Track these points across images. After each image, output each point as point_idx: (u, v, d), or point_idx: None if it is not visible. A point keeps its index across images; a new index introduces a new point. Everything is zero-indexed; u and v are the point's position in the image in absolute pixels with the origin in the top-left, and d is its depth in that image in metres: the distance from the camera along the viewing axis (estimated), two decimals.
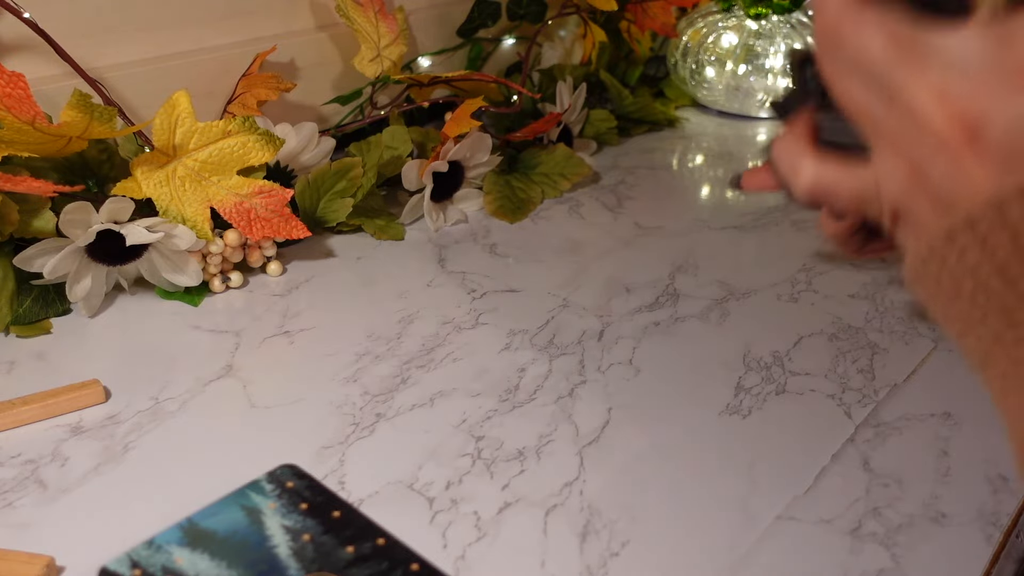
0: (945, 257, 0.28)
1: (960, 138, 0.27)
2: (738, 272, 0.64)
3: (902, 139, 0.29)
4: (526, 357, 0.53)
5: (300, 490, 0.39)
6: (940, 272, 0.28)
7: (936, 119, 0.27)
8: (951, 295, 0.28)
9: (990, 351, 0.28)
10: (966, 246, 0.27)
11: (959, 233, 0.27)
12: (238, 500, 0.39)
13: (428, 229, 0.69)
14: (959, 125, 0.27)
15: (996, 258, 0.26)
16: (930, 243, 0.28)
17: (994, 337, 0.28)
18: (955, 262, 0.28)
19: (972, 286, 0.27)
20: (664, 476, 0.44)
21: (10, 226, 0.53)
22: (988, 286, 0.27)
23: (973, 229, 0.27)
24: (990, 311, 0.27)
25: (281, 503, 0.39)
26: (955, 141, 0.27)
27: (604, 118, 0.87)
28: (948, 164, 0.28)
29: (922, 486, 0.44)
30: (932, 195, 0.29)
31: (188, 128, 0.56)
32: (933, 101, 0.27)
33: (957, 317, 0.29)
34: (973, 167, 0.27)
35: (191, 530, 0.37)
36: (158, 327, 0.56)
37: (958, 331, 0.29)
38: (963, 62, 0.27)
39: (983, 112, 0.27)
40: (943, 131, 0.27)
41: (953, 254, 0.28)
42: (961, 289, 0.28)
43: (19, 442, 0.45)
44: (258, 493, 0.39)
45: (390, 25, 0.73)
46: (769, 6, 0.92)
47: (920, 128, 0.28)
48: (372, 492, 0.42)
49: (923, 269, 0.29)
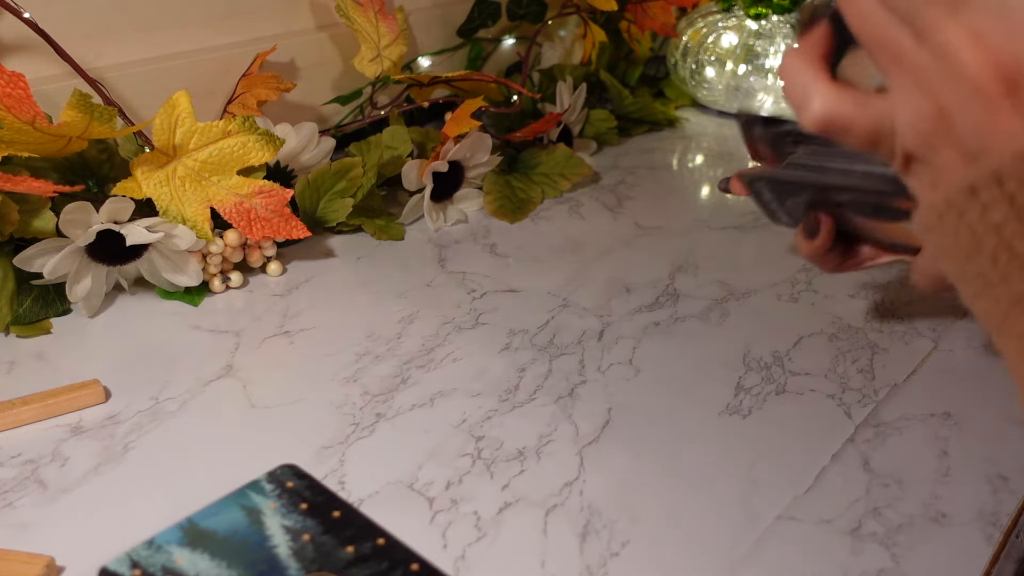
0: (964, 211, 0.26)
1: (996, 86, 0.25)
2: (738, 272, 0.64)
3: (930, 79, 0.27)
4: (526, 357, 0.53)
5: (300, 490, 0.39)
6: (958, 226, 0.27)
7: (971, 63, 0.25)
8: (969, 251, 0.27)
9: (1009, 313, 0.27)
10: (990, 202, 0.25)
11: (983, 187, 0.26)
12: (238, 500, 0.39)
13: (428, 229, 0.69)
14: (997, 72, 0.25)
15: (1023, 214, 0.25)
16: (948, 195, 0.27)
17: (1015, 299, 0.26)
18: (976, 218, 0.26)
19: (994, 244, 0.26)
20: (664, 476, 0.44)
21: (10, 226, 0.53)
22: (1012, 246, 0.25)
23: (1000, 185, 0.25)
24: (1012, 271, 0.26)
25: (281, 503, 0.39)
26: (991, 89, 0.25)
27: (604, 118, 0.87)
28: (980, 112, 0.26)
29: (922, 486, 0.44)
30: (957, 143, 0.27)
31: (188, 128, 0.56)
32: (969, 43, 0.25)
33: (974, 275, 0.27)
34: (1008, 118, 0.25)
35: (191, 530, 0.37)
36: (158, 327, 0.56)
37: (973, 290, 0.28)
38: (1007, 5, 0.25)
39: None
40: (978, 77, 0.25)
41: (975, 209, 0.26)
42: (981, 246, 0.26)
43: (19, 442, 0.45)
44: (258, 493, 0.39)
45: (390, 25, 0.73)
46: (769, 6, 0.92)
47: (952, 71, 0.26)
48: (372, 492, 0.42)
49: (938, 221, 0.27)
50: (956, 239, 0.27)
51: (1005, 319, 0.27)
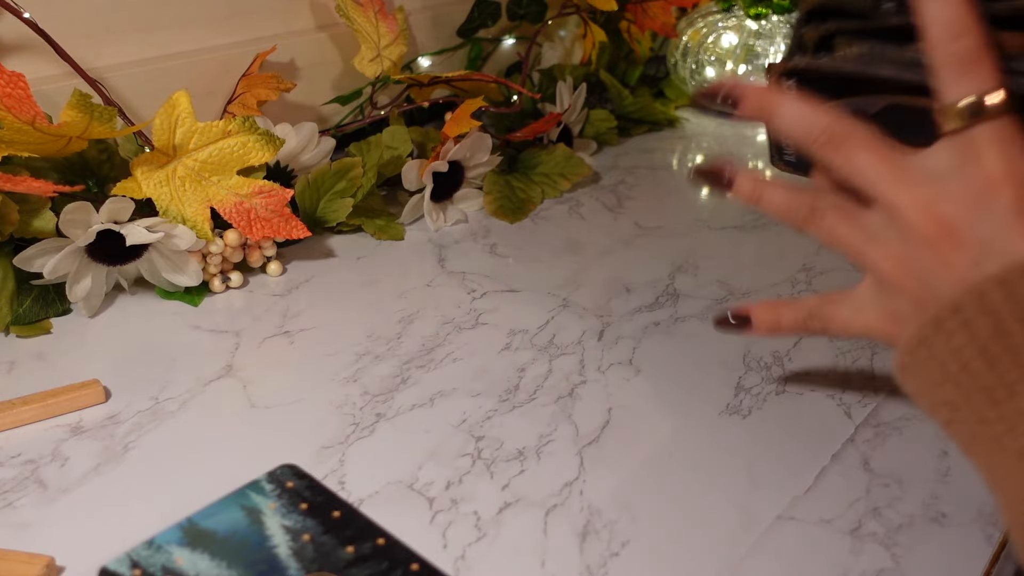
0: (932, 343, 0.31)
1: (939, 234, 0.32)
2: (738, 272, 0.64)
3: (887, 241, 0.35)
4: (526, 357, 0.53)
5: (300, 490, 0.39)
6: (928, 358, 0.32)
7: (919, 219, 0.33)
8: (937, 380, 0.31)
9: (974, 432, 0.30)
10: (951, 330, 0.30)
11: (945, 319, 0.31)
12: (238, 500, 0.39)
13: (428, 229, 0.69)
14: (938, 224, 0.32)
15: (978, 340, 0.29)
16: (918, 331, 0.32)
17: (977, 418, 0.30)
18: (941, 346, 0.31)
19: (957, 369, 0.30)
20: (664, 476, 0.44)
21: (10, 226, 0.53)
22: (970, 367, 0.29)
23: (957, 314, 0.30)
24: (973, 391, 0.29)
25: (281, 503, 0.39)
26: (936, 237, 0.32)
27: (604, 118, 0.87)
28: (931, 256, 0.33)
29: (922, 486, 0.44)
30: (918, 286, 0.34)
31: (188, 128, 0.56)
32: (915, 205, 0.33)
33: (943, 402, 0.31)
34: (953, 258, 0.32)
35: (191, 530, 0.37)
36: (158, 327, 0.56)
37: (945, 418, 0.32)
38: (937, 174, 0.33)
39: (958, 214, 0.32)
40: (925, 229, 0.33)
41: (940, 339, 0.31)
42: (947, 373, 0.30)
43: (19, 442, 0.45)
44: (258, 493, 0.39)
45: (390, 25, 0.73)
46: (769, 6, 0.92)
47: (903, 227, 0.34)
48: (372, 492, 0.42)
49: (911, 357, 0.32)
50: (926, 371, 0.32)
51: (973, 439, 0.31)
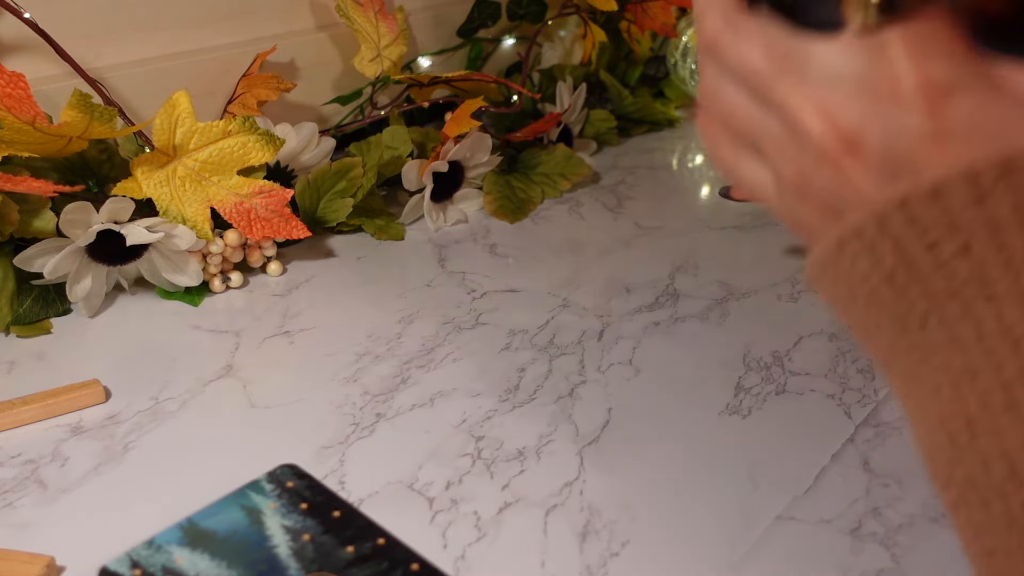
0: (838, 264, 0.28)
1: (840, 149, 0.28)
2: (738, 272, 0.64)
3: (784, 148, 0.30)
4: (526, 357, 0.53)
5: (300, 490, 0.39)
6: (836, 278, 0.29)
7: (816, 131, 0.28)
8: (847, 301, 0.29)
9: (888, 357, 0.29)
10: (856, 254, 0.27)
11: (848, 242, 0.28)
12: (238, 500, 0.39)
13: (428, 229, 0.69)
14: (838, 137, 0.28)
15: (883, 266, 0.27)
16: (824, 251, 0.29)
17: (889, 344, 0.28)
18: (848, 269, 0.28)
19: (865, 293, 0.28)
20: (664, 476, 0.44)
21: (10, 226, 0.53)
22: (878, 294, 0.27)
23: (860, 238, 0.27)
24: (882, 318, 0.28)
25: (281, 503, 0.39)
26: (835, 152, 0.28)
27: (604, 118, 0.87)
28: (830, 173, 0.28)
29: (922, 486, 0.44)
30: (818, 202, 0.29)
31: (188, 128, 0.56)
32: (813, 113, 0.28)
33: (856, 323, 0.29)
34: (856, 176, 0.28)
35: (191, 530, 0.37)
36: (158, 327, 0.56)
37: (859, 335, 0.30)
38: (839, 76, 0.28)
39: (859, 124, 0.27)
40: (824, 142, 0.28)
41: (846, 261, 0.28)
42: (856, 296, 0.28)
43: (19, 442, 0.45)
44: (258, 493, 0.39)
45: (390, 25, 0.73)
46: None
47: (801, 139, 0.29)
48: (372, 492, 0.42)
49: (820, 273, 0.30)
50: (836, 290, 0.29)
51: (886, 362, 0.29)
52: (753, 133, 0.31)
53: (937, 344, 0.27)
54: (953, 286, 0.26)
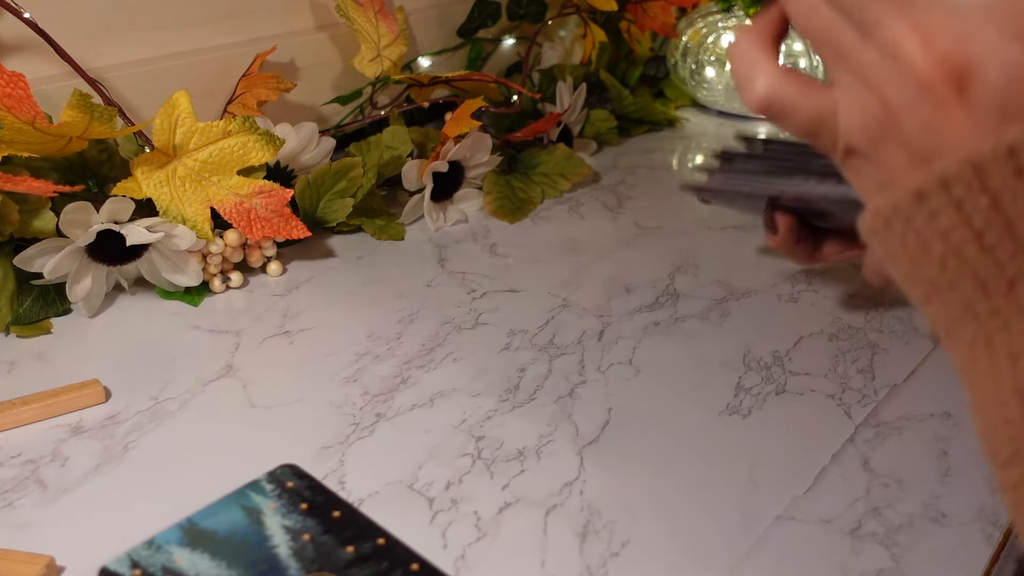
0: (912, 216, 0.25)
1: (946, 84, 0.24)
2: (738, 272, 0.64)
3: (876, 76, 0.26)
4: (526, 357, 0.53)
5: (300, 490, 0.39)
6: (905, 231, 0.26)
7: (919, 61, 0.25)
8: (916, 257, 0.26)
9: (958, 318, 0.26)
10: (938, 208, 0.25)
11: (931, 194, 0.25)
12: (238, 500, 0.39)
13: (428, 229, 0.69)
14: (946, 70, 0.24)
15: (973, 224, 0.24)
16: (896, 201, 0.26)
17: (964, 305, 0.25)
18: (923, 223, 0.25)
19: (943, 250, 0.25)
20: (664, 476, 0.44)
21: (10, 226, 0.53)
22: (961, 252, 0.25)
23: (947, 191, 0.24)
24: (961, 278, 0.25)
25: (281, 503, 0.39)
26: (940, 87, 0.25)
27: (604, 118, 0.87)
28: (928, 112, 0.25)
29: (922, 486, 0.44)
30: (904, 143, 0.26)
31: (188, 128, 0.56)
32: (917, 40, 0.25)
33: (922, 280, 0.26)
34: (957, 118, 0.25)
35: (191, 530, 0.37)
36: (158, 327, 0.56)
37: (922, 295, 0.27)
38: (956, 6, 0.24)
39: (974, 57, 0.24)
40: (927, 75, 0.25)
41: (922, 215, 0.25)
42: (930, 252, 0.25)
43: (19, 442, 0.45)
44: (258, 493, 0.39)
45: (390, 25, 0.73)
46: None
47: (900, 68, 0.25)
48: (372, 492, 0.42)
49: (884, 225, 0.27)
50: (903, 244, 0.26)
51: (954, 325, 0.26)
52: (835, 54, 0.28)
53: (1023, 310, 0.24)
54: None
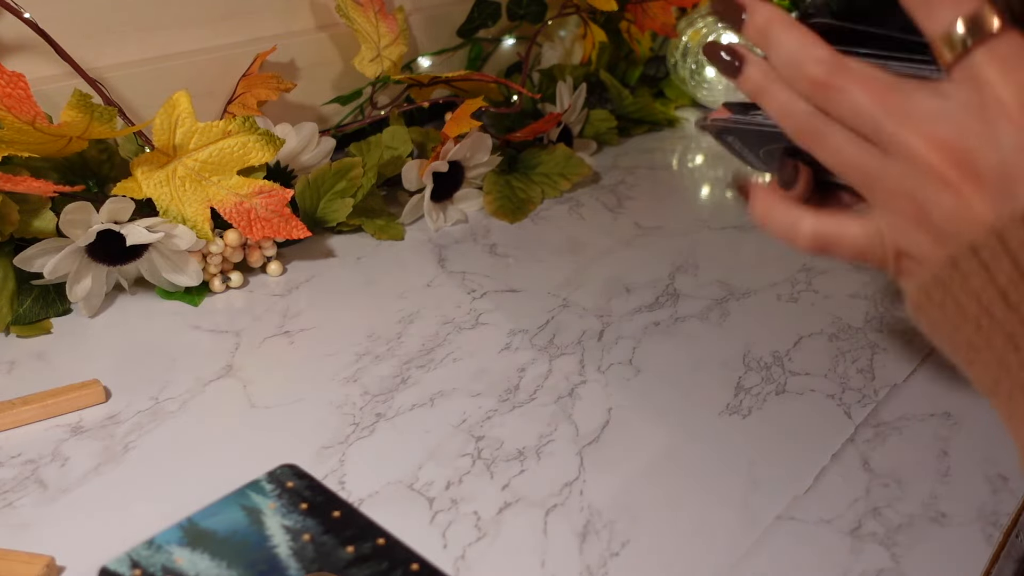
0: (948, 284, 0.29)
1: (957, 174, 0.29)
2: (738, 272, 0.64)
3: (904, 184, 0.31)
4: (526, 357, 0.53)
5: (300, 490, 0.39)
6: (944, 299, 0.30)
7: (933, 160, 0.30)
8: (956, 322, 0.30)
9: (996, 376, 0.29)
10: (969, 272, 0.28)
11: (962, 259, 0.29)
12: (238, 500, 0.39)
13: (428, 229, 0.69)
14: (954, 162, 0.29)
15: (998, 283, 0.27)
16: (934, 272, 0.30)
17: (999, 362, 0.29)
18: (959, 288, 0.29)
19: (976, 311, 0.28)
20: (664, 476, 0.44)
21: (10, 226, 0.53)
22: (991, 311, 0.28)
23: (976, 255, 0.28)
24: (994, 335, 0.28)
25: (281, 503, 0.39)
26: (953, 177, 0.29)
27: (604, 118, 0.87)
28: (950, 199, 0.30)
29: (922, 486, 0.44)
30: (935, 230, 0.30)
31: (188, 128, 0.56)
32: (927, 145, 0.30)
33: (963, 344, 0.30)
34: (973, 198, 0.29)
35: (191, 530, 0.37)
36: (158, 327, 0.56)
37: (965, 358, 0.30)
38: (945, 109, 0.30)
39: (973, 148, 0.29)
40: (941, 170, 0.29)
41: (956, 280, 0.29)
42: (966, 315, 0.29)
43: (19, 442, 0.45)
44: (258, 493, 0.39)
45: (390, 25, 0.73)
46: None
47: (919, 170, 0.30)
48: (372, 492, 0.42)
49: (927, 298, 0.30)
50: (943, 312, 0.30)
51: (995, 382, 0.29)
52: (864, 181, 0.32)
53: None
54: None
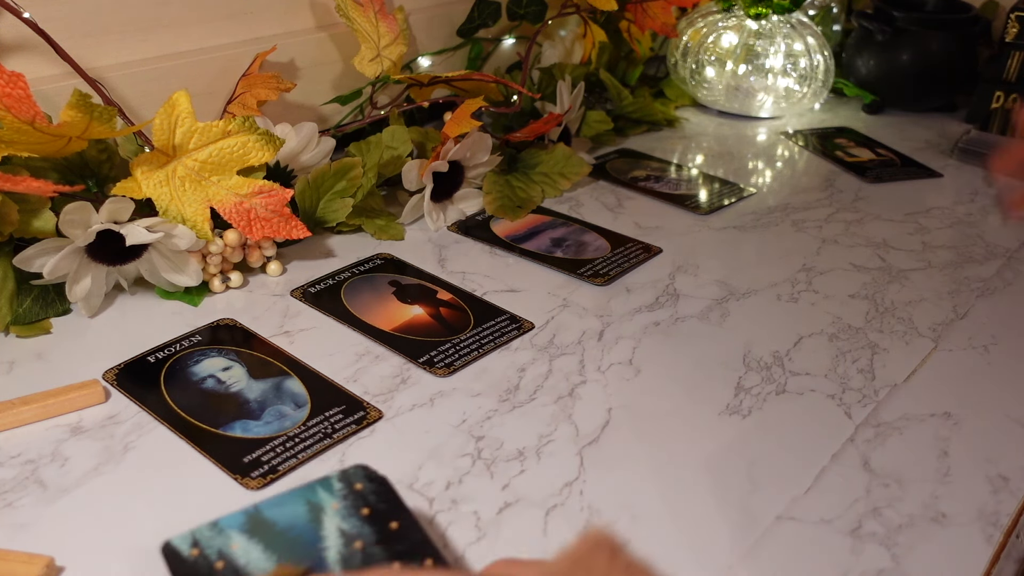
0: None
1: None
2: (738, 272, 0.64)
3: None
4: (526, 357, 0.53)
5: (366, 494, 0.39)
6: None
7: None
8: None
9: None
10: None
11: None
12: (305, 495, 0.38)
13: (428, 229, 0.69)
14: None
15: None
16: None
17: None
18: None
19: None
20: (664, 476, 0.44)
21: (10, 226, 0.53)
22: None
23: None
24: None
25: (345, 504, 0.38)
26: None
27: (600, 119, 0.86)
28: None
29: (922, 486, 0.44)
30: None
31: (188, 128, 0.56)
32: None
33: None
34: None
35: (254, 517, 0.37)
36: (158, 327, 0.56)
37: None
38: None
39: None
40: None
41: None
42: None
43: (19, 442, 0.45)
44: (326, 490, 0.38)
45: (390, 25, 0.73)
46: (769, 6, 0.92)
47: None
48: None
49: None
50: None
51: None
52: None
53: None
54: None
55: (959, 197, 0.78)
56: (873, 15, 0.97)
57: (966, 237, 0.70)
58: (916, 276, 0.64)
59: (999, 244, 0.69)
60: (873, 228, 0.71)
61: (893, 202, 0.76)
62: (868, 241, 0.69)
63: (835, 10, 1.05)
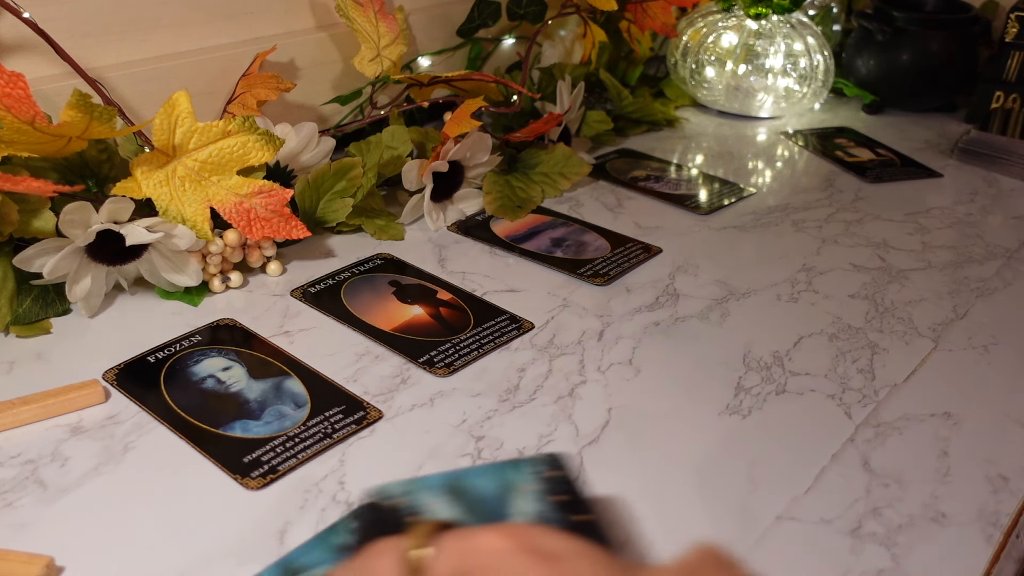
0: None
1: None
2: (738, 272, 0.64)
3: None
4: (526, 357, 0.53)
5: (557, 482, 0.38)
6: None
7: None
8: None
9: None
10: None
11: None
12: (503, 471, 0.38)
13: (428, 229, 0.69)
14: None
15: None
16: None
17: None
18: None
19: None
20: (664, 476, 0.44)
21: (10, 226, 0.53)
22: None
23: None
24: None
25: (538, 488, 0.37)
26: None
27: (600, 120, 0.86)
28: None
29: (922, 486, 0.44)
30: None
31: (188, 128, 0.56)
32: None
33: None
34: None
35: (455, 483, 0.36)
36: (158, 327, 0.56)
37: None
38: None
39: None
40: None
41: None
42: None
43: (19, 442, 0.45)
44: (523, 470, 0.38)
45: (390, 25, 0.73)
46: (769, 6, 0.92)
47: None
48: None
49: None
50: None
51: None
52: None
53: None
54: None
55: (959, 197, 0.78)
56: (873, 15, 0.97)
57: (966, 237, 0.70)
58: (916, 276, 0.64)
59: (999, 244, 0.69)
60: (873, 228, 0.71)
61: (893, 202, 0.76)
62: (868, 241, 0.69)
63: (835, 10, 1.05)
